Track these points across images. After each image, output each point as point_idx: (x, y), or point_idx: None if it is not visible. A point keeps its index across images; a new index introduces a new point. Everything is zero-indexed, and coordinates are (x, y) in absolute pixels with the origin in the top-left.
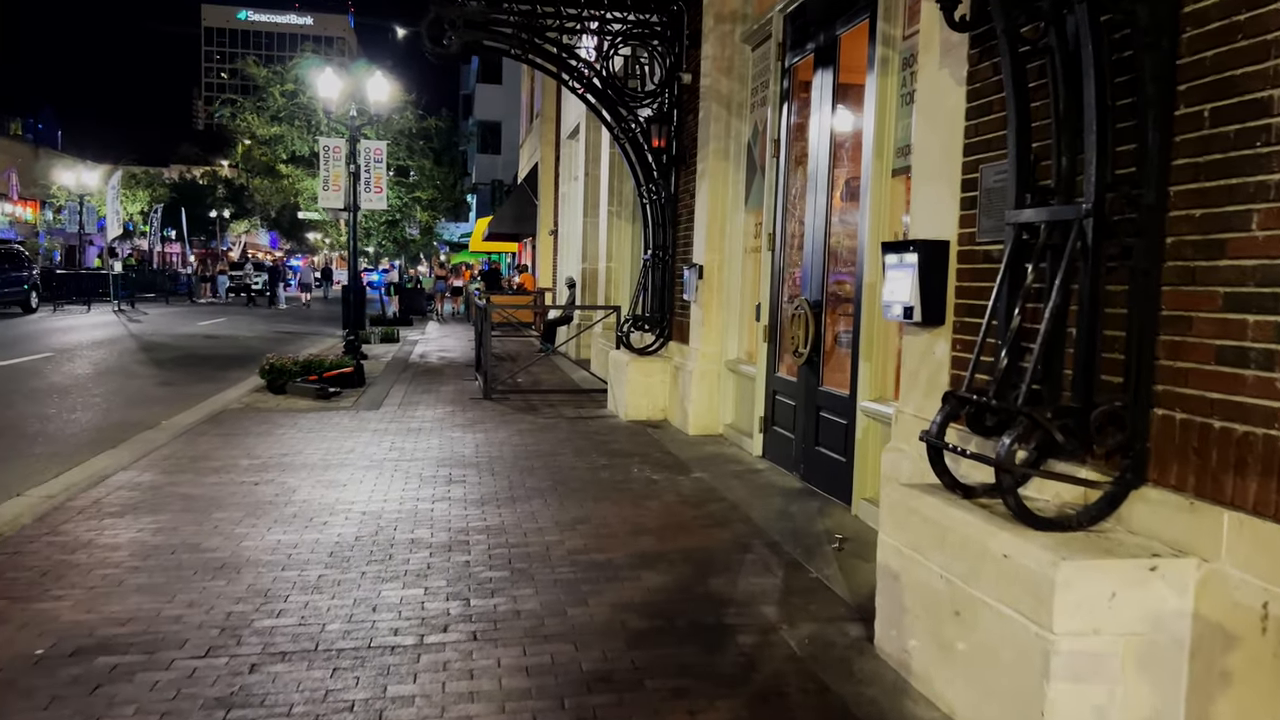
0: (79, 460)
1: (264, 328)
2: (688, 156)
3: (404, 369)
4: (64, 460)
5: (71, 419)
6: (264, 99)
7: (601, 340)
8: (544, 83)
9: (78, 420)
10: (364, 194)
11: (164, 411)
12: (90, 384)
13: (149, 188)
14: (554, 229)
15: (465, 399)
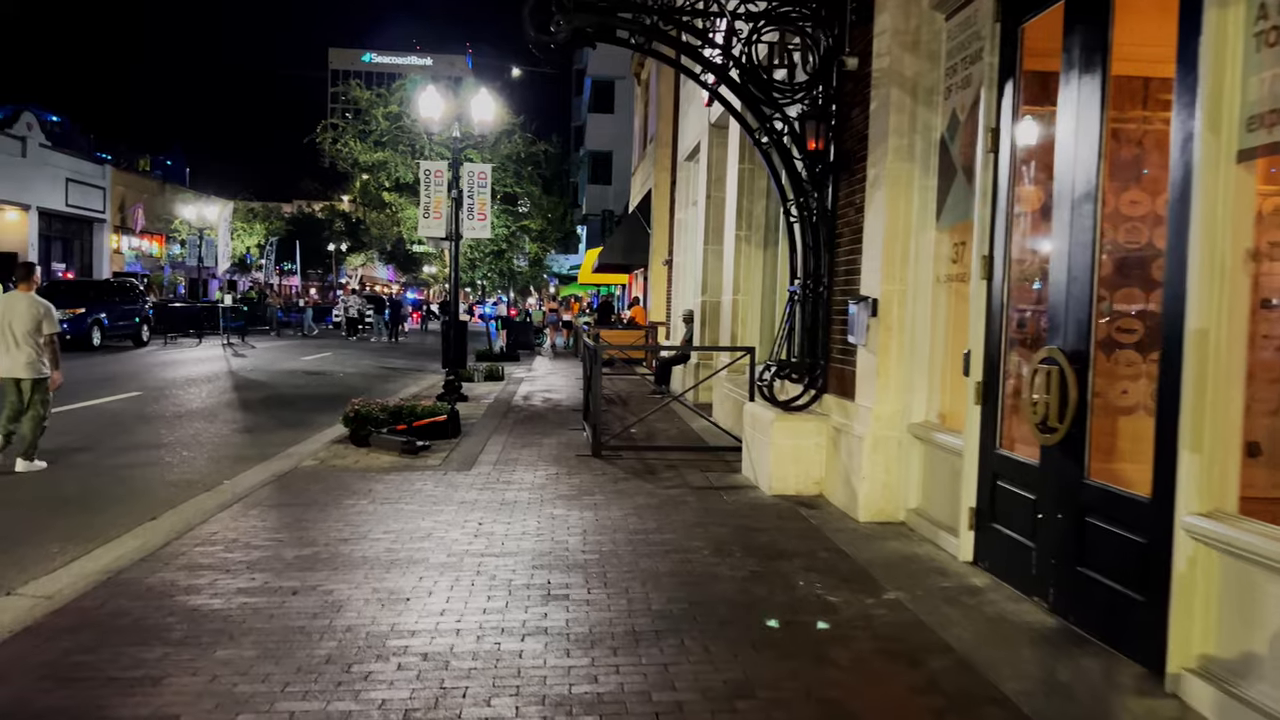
0: (99, 541)
1: (368, 363)
2: (852, 161)
3: (505, 414)
4: (86, 539)
5: (123, 477)
6: (367, 122)
7: (727, 385)
8: (659, 105)
9: (130, 479)
10: (466, 221)
11: (230, 467)
12: (165, 430)
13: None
14: (668, 258)
15: (571, 456)
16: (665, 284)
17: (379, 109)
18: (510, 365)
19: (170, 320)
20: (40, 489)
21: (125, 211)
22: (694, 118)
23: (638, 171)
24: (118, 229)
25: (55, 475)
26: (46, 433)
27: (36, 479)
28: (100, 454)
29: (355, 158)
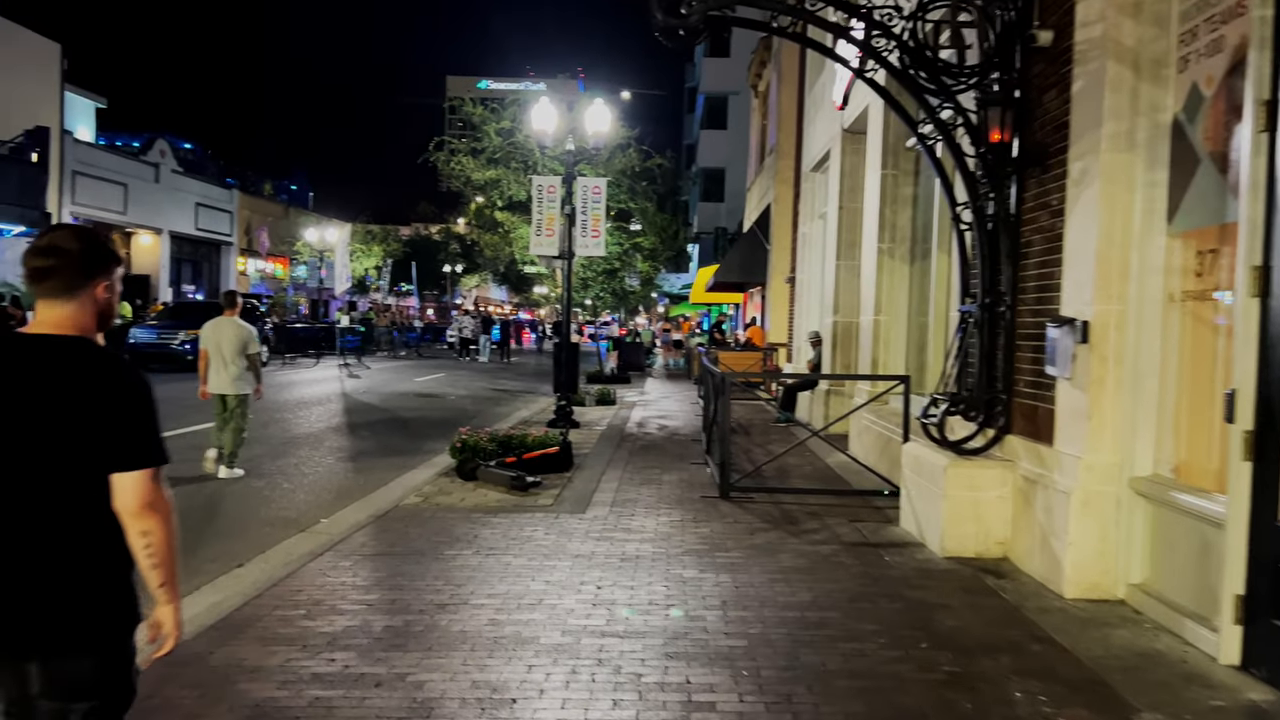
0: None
1: (479, 385)
2: (1045, 154)
3: (619, 443)
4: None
5: (218, 512)
6: (480, 139)
7: (869, 416)
8: (779, 116)
9: (226, 514)
10: (580, 239)
11: (331, 503)
12: (269, 459)
13: (383, 243)
14: (791, 275)
15: (695, 497)
16: (787, 303)
17: (491, 125)
18: (622, 388)
19: (290, 340)
20: None
21: (251, 234)
22: (822, 125)
23: (754, 187)
24: (244, 251)
25: None
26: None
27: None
28: (200, 483)
29: (468, 175)
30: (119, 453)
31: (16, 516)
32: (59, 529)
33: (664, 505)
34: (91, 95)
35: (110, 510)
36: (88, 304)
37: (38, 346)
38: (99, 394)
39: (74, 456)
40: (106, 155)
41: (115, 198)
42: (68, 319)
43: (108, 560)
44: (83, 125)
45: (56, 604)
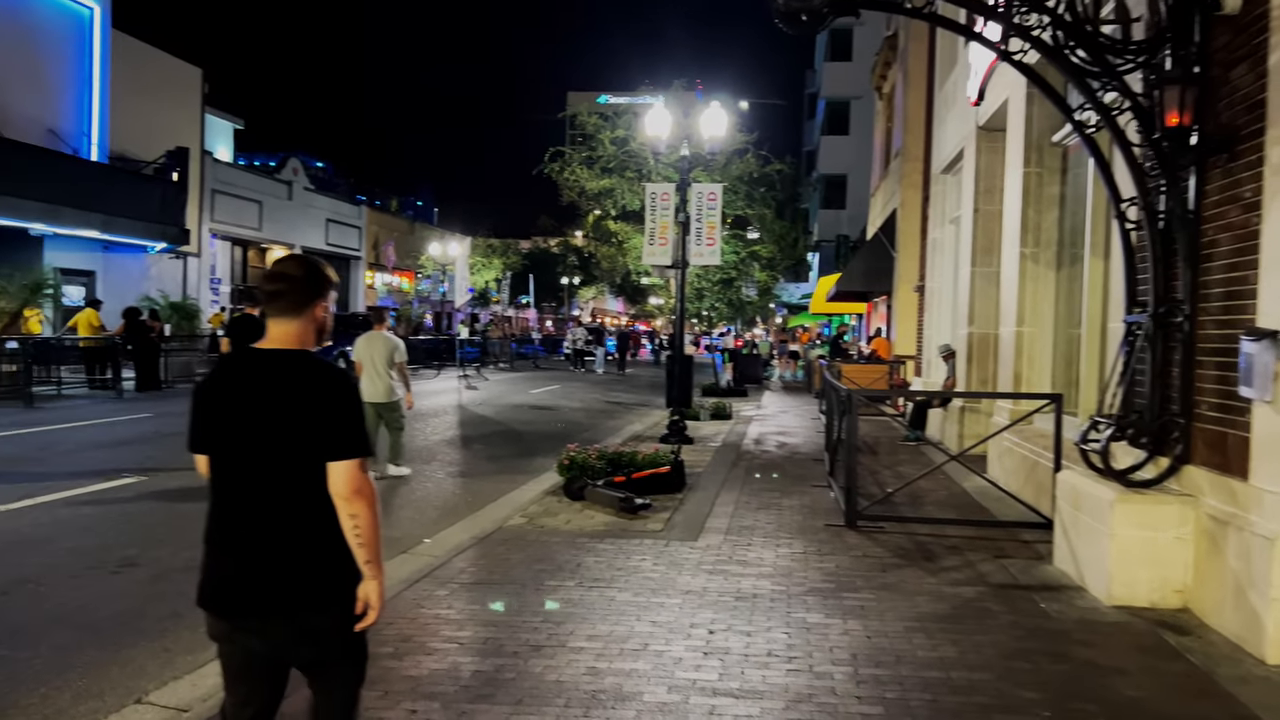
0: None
1: (593, 398)
2: (1235, 138)
3: (734, 462)
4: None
5: None
6: (594, 148)
7: (1011, 438)
8: (906, 118)
9: None
10: (694, 247)
11: (435, 521)
12: (378, 483)
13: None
14: (920, 284)
15: (819, 525)
16: (915, 313)
17: (606, 134)
18: (738, 401)
19: (411, 352)
20: None
21: (378, 249)
22: (953, 124)
23: (878, 192)
24: (372, 266)
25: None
26: None
27: None
28: None
29: (582, 186)
30: (333, 445)
31: (265, 498)
32: (297, 509)
33: (784, 534)
34: (230, 117)
35: (328, 494)
36: (309, 322)
37: (272, 359)
38: (319, 397)
39: (303, 448)
40: (243, 174)
41: (251, 215)
42: (294, 335)
43: (333, 535)
44: (221, 145)
45: (300, 570)
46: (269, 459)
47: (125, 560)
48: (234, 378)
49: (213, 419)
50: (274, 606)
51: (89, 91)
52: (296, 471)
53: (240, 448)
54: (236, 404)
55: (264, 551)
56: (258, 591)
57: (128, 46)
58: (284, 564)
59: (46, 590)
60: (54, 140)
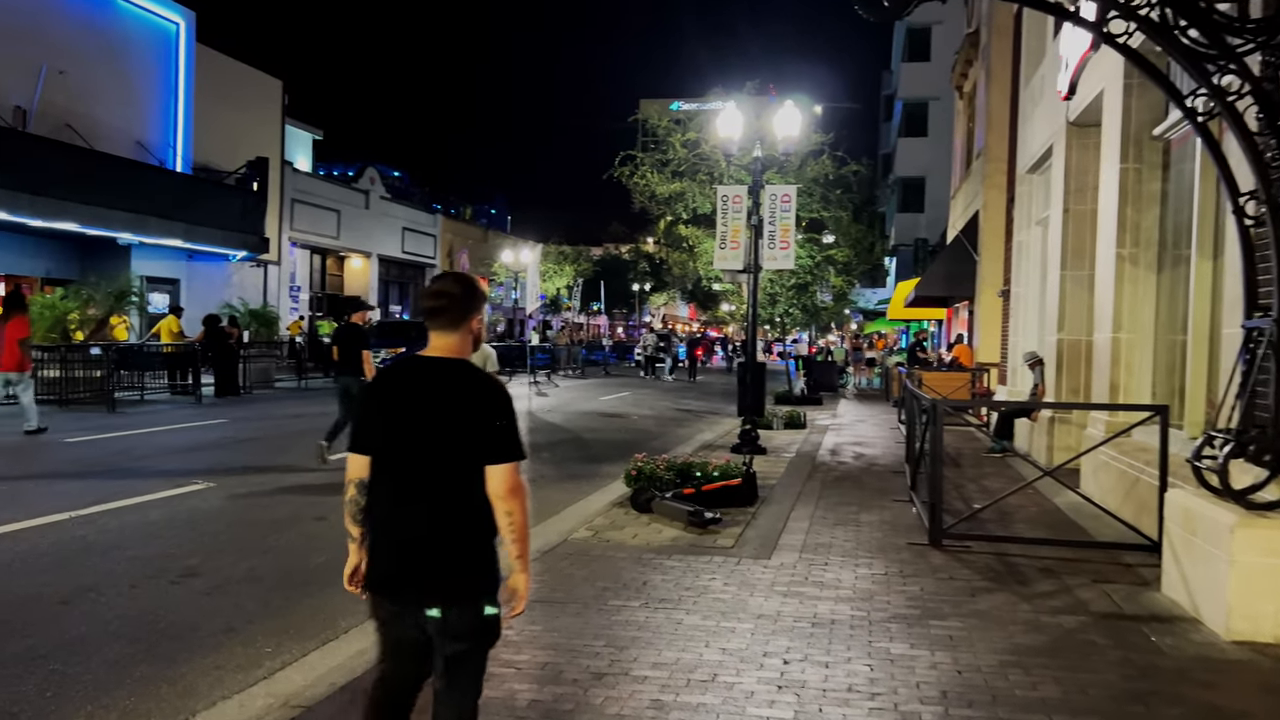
0: (316, 640)
1: (664, 405)
2: None
3: (810, 473)
4: (303, 636)
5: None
6: (665, 151)
7: (1108, 451)
8: (988, 116)
9: None
10: (767, 251)
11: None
12: None
13: (574, 263)
14: (1004, 288)
15: (901, 544)
16: (998, 318)
17: (676, 136)
18: (812, 410)
19: None
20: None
21: (452, 257)
22: (1041, 121)
23: (958, 194)
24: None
25: (306, 536)
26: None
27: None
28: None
29: (652, 190)
30: (492, 449)
31: (427, 495)
32: (456, 505)
33: (863, 552)
34: (309, 128)
35: (484, 494)
36: (466, 334)
37: (436, 366)
38: (478, 403)
39: (464, 451)
40: (322, 184)
41: (329, 224)
42: (453, 346)
43: (487, 531)
44: (301, 156)
45: (457, 561)
46: (433, 460)
47: (186, 570)
48: (400, 385)
49: (380, 423)
50: (432, 593)
51: (174, 104)
52: (457, 472)
53: (406, 449)
54: (403, 409)
55: (425, 543)
56: (418, 579)
57: (211, 60)
58: (443, 555)
59: (107, 600)
60: (141, 152)
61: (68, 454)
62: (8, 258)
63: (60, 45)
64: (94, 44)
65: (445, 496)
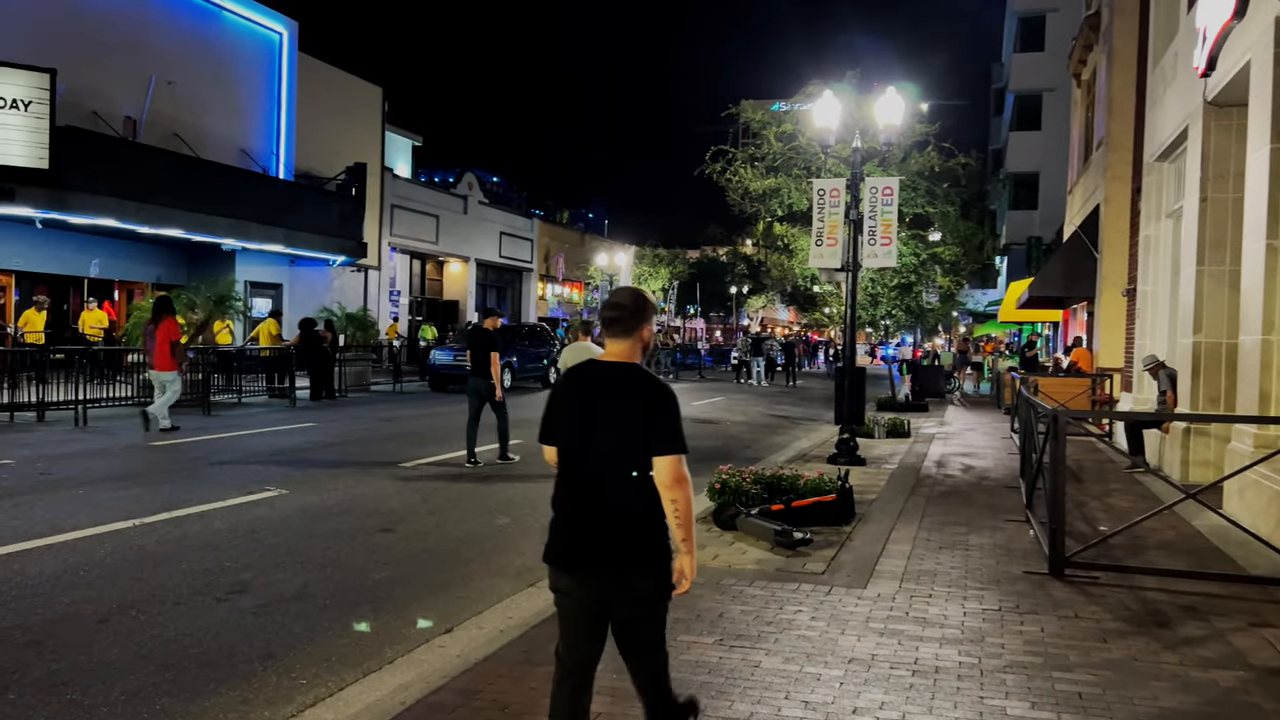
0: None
1: (758, 410)
2: None
3: (913, 488)
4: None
5: (450, 551)
6: (759, 145)
7: (1261, 472)
8: (1110, 103)
9: (465, 555)
10: (867, 248)
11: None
12: (524, 491)
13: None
14: (1129, 287)
15: (1016, 573)
16: (1122, 320)
17: (771, 130)
18: (917, 417)
19: None
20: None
21: (549, 261)
22: (1173, 103)
23: (1076, 188)
24: (543, 277)
25: (369, 550)
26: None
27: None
28: (439, 520)
29: (746, 186)
30: (660, 442)
31: (604, 481)
32: (629, 491)
33: (973, 582)
34: (409, 134)
35: (653, 482)
36: (637, 341)
37: (611, 370)
38: (648, 402)
39: (635, 444)
40: (421, 189)
41: (428, 229)
42: (626, 352)
43: (656, 514)
44: (401, 162)
45: (630, 540)
46: (609, 450)
47: (236, 585)
48: (581, 385)
49: (563, 417)
50: (608, 566)
51: (277, 112)
52: (630, 461)
53: (586, 440)
54: (584, 406)
55: (602, 523)
56: (596, 554)
57: (313, 68)
58: (618, 533)
59: (146, 619)
60: (245, 160)
61: (149, 458)
62: (119, 264)
63: (168, 57)
64: (200, 55)
65: (620, 483)
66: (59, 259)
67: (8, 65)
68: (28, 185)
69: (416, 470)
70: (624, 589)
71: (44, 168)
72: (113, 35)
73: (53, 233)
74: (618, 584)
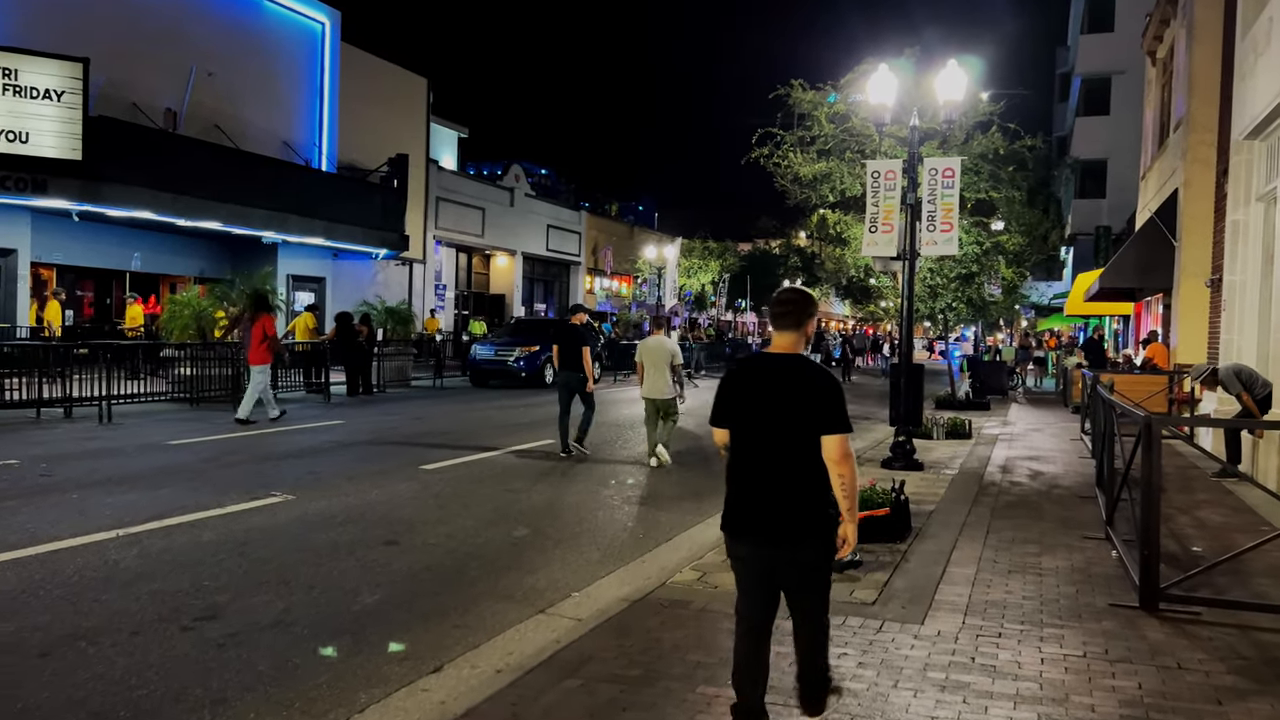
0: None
1: None
2: None
3: (975, 496)
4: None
5: (452, 566)
6: (809, 127)
7: None
8: (1191, 80)
9: (468, 577)
10: (925, 234)
11: (599, 560)
12: (547, 493)
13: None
14: (1214, 277)
15: (1100, 605)
16: (1205, 312)
17: (822, 110)
18: (978, 416)
19: (622, 357)
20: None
21: (597, 254)
22: (1266, 75)
23: (1150, 174)
24: (590, 271)
25: (365, 567)
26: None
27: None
28: (451, 531)
29: (795, 172)
30: (828, 423)
31: (777, 459)
32: (799, 467)
33: (1049, 617)
34: (455, 126)
35: (820, 459)
36: (801, 334)
37: (780, 360)
38: (816, 389)
39: (805, 425)
40: (467, 182)
41: (474, 221)
42: (791, 343)
43: (822, 488)
44: (446, 154)
45: (800, 511)
46: (780, 432)
47: (207, 610)
48: (754, 374)
49: (738, 402)
50: (782, 535)
51: (320, 103)
52: (799, 441)
53: (759, 423)
54: (757, 392)
55: (775, 496)
56: (770, 523)
57: (357, 59)
58: (789, 505)
59: (95, 652)
60: (288, 152)
61: (161, 458)
62: (161, 258)
63: (208, 48)
64: (241, 45)
65: (792, 460)
66: (100, 253)
67: (40, 55)
68: (61, 176)
69: (439, 473)
70: (791, 557)
71: (77, 159)
72: (153, 26)
73: (92, 226)
74: (786, 552)
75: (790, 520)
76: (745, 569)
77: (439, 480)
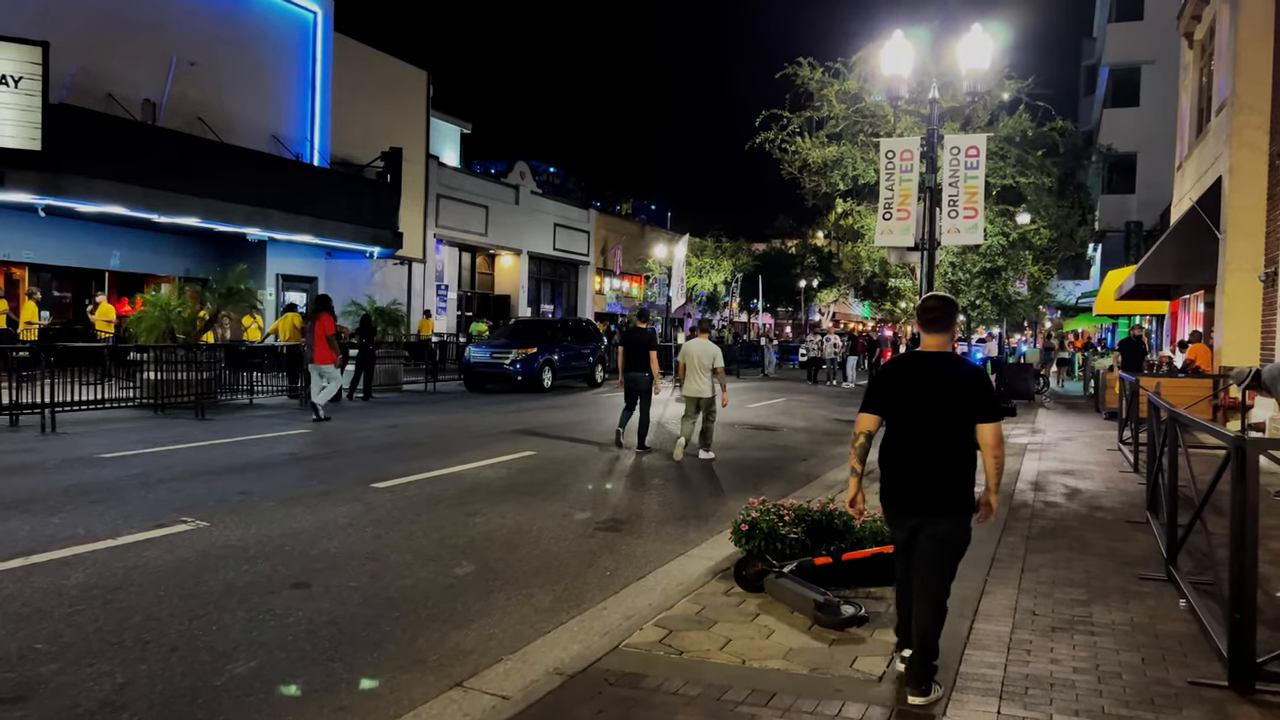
0: None
1: (821, 415)
2: None
3: (1005, 523)
4: None
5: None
6: (819, 107)
7: None
8: (1235, 60)
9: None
10: (947, 221)
11: (550, 606)
12: (503, 518)
13: (733, 257)
14: (1266, 271)
15: (1177, 684)
16: (1256, 310)
17: (832, 88)
18: (1004, 423)
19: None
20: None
21: (606, 254)
22: None
23: (1188, 163)
24: (599, 271)
25: (255, 622)
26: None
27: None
28: (378, 569)
29: (804, 158)
30: (983, 412)
31: (931, 443)
32: (951, 450)
33: (1112, 704)
34: (457, 121)
35: (971, 443)
36: (950, 335)
37: (935, 358)
38: (968, 382)
39: (960, 414)
40: (469, 179)
41: (477, 220)
42: (942, 343)
43: (970, 469)
44: (448, 150)
45: (950, 487)
46: (936, 419)
47: (17, 688)
48: (910, 370)
49: (894, 393)
50: (932, 507)
51: (311, 96)
52: (953, 427)
53: (915, 412)
54: (914, 385)
55: (929, 474)
56: (924, 497)
57: (352, 50)
58: (940, 482)
59: None
60: (277, 146)
61: (80, 475)
62: (143, 256)
63: (192, 37)
64: (227, 35)
65: (948, 444)
66: (76, 251)
67: None
68: (18, 168)
69: (390, 492)
70: (930, 529)
71: (36, 149)
72: (131, 14)
73: (64, 222)
74: (927, 523)
75: (935, 496)
76: (897, 537)
77: (387, 502)
